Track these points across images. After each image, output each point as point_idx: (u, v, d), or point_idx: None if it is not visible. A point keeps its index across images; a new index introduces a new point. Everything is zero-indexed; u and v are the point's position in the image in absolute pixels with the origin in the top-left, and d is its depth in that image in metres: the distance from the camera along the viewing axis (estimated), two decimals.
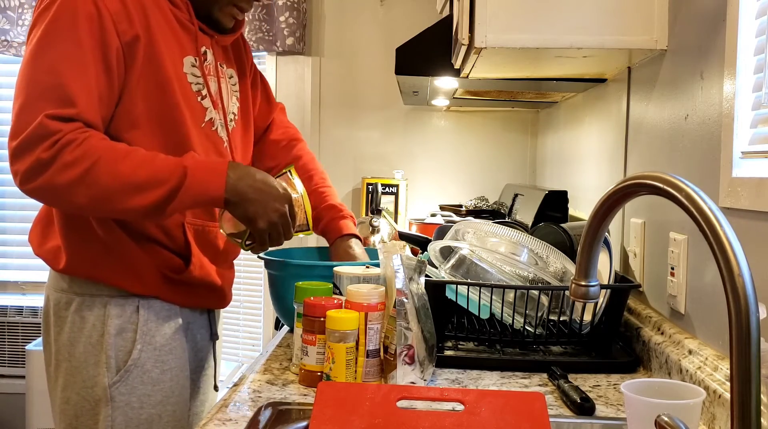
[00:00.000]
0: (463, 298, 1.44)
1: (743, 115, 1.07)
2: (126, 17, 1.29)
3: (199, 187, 1.27)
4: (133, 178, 1.25)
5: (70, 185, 1.23)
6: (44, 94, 1.24)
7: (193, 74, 1.39)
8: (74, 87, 1.24)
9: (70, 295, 1.38)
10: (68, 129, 1.23)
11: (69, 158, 1.22)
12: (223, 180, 1.28)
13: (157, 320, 1.38)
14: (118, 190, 1.25)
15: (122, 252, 1.35)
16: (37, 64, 1.26)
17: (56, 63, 1.25)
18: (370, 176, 3.23)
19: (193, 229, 1.41)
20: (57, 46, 1.25)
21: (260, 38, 3.27)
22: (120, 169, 1.25)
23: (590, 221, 0.82)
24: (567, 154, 2.44)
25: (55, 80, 1.24)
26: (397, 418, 0.92)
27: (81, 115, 1.25)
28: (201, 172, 1.28)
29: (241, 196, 1.30)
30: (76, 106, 1.24)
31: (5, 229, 3.62)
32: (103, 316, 1.35)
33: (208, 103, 1.42)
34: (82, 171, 1.23)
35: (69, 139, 1.22)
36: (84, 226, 1.35)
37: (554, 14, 1.43)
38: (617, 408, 1.15)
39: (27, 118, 1.23)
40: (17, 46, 3.40)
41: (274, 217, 1.33)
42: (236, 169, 1.31)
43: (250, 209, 1.31)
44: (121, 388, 1.34)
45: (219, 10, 1.44)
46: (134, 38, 1.29)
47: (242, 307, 3.42)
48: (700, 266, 1.21)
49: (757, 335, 0.66)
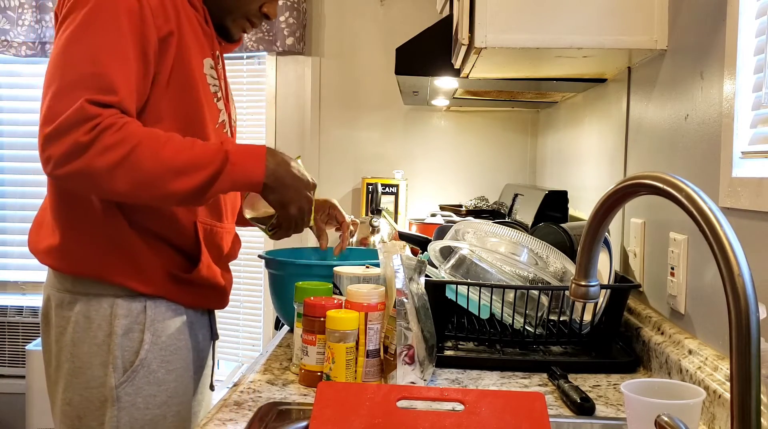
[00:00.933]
0: (463, 298, 1.44)
1: (743, 115, 1.07)
2: (163, 13, 1.30)
3: (240, 171, 1.28)
4: (176, 161, 1.24)
5: (110, 169, 1.21)
6: (83, 81, 1.23)
7: (211, 76, 1.42)
8: (115, 76, 1.24)
9: (73, 294, 1.37)
10: (108, 114, 1.22)
11: (109, 141, 1.20)
12: (263, 165, 1.29)
13: (163, 320, 1.38)
14: (161, 173, 1.24)
15: (129, 251, 1.35)
16: (75, 51, 1.24)
17: (97, 51, 1.24)
18: (370, 176, 3.23)
19: (203, 229, 1.42)
20: (98, 36, 1.25)
21: (260, 38, 3.27)
22: (162, 153, 1.24)
23: (590, 221, 0.82)
24: (567, 154, 2.44)
25: (95, 68, 1.23)
26: (397, 418, 0.92)
27: (121, 104, 1.24)
28: (242, 157, 1.28)
29: (279, 182, 1.31)
30: (117, 94, 1.24)
31: (5, 229, 3.62)
32: (109, 316, 1.34)
33: (222, 105, 1.45)
34: (124, 154, 1.21)
35: (109, 123, 1.21)
36: (87, 224, 1.34)
37: (554, 14, 1.43)
38: (617, 408, 1.15)
39: (65, 103, 1.21)
40: (17, 46, 3.40)
41: (304, 203, 1.36)
42: (274, 155, 1.33)
43: (287, 195, 1.33)
44: (128, 389, 1.33)
45: (232, 21, 1.47)
46: (169, 34, 1.31)
47: (242, 307, 3.42)
48: (700, 266, 1.21)
49: (757, 335, 0.66)
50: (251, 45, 3.26)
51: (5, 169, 3.61)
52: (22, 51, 3.40)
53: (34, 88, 3.58)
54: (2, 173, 3.61)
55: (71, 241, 1.36)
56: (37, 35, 3.38)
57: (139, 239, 1.35)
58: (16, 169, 3.59)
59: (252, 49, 3.27)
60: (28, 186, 3.58)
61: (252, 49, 3.28)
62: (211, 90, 1.41)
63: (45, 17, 3.35)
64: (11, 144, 3.60)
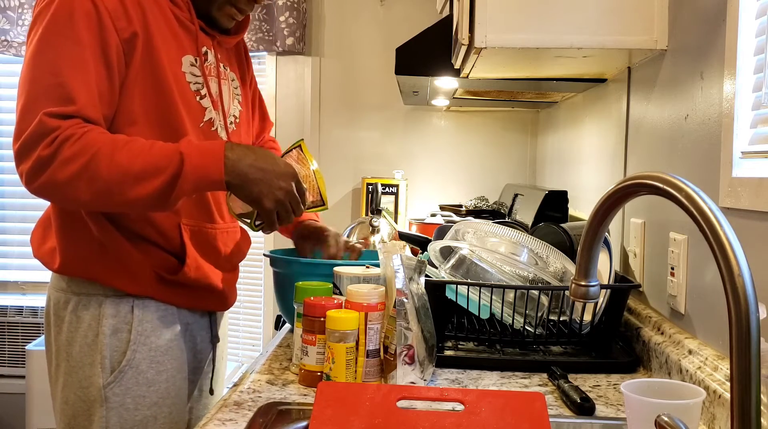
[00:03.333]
0: (463, 298, 1.44)
1: (743, 115, 1.07)
2: (124, 14, 1.28)
3: (198, 172, 1.25)
4: (131, 168, 1.23)
5: (71, 181, 1.22)
6: (44, 93, 1.24)
7: (192, 74, 1.39)
8: (74, 84, 1.24)
9: (68, 294, 1.38)
10: (67, 125, 1.22)
11: (68, 154, 1.22)
12: (221, 162, 1.25)
13: (152, 321, 1.38)
14: (118, 181, 1.23)
15: (117, 251, 1.35)
16: (37, 64, 1.25)
17: (56, 62, 1.24)
18: (370, 176, 3.23)
19: (189, 230, 1.40)
20: (56, 45, 1.25)
21: (260, 38, 3.27)
22: (117, 160, 1.23)
23: (590, 221, 0.82)
24: (567, 154, 2.44)
25: (54, 79, 1.23)
26: (397, 418, 0.92)
27: (80, 112, 1.24)
28: (198, 157, 1.25)
29: (242, 178, 1.27)
30: (75, 103, 1.24)
31: (5, 229, 3.62)
32: (98, 316, 1.35)
33: (208, 103, 1.42)
34: (82, 165, 1.22)
35: (68, 135, 1.22)
36: (79, 225, 1.35)
37: (554, 14, 1.43)
38: (617, 408, 1.15)
39: (28, 118, 1.23)
40: (17, 46, 3.40)
41: (280, 195, 1.30)
42: (234, 149, 1.28)
43: (255, 190, 1.28)
44: (116, 389, 1.33)
45: (217, 10, 1.43)
46: (132, 35, 1.29)
47: (242, 307, 3.42)
48: (700, 266, 1.21)
49: (757, 335, 0.66)
50: (251, 45, 3.26)
51: (5, 169, 3.61)
52: (22, 51, 3.40)
53: None
54: (2, 173, 3.61)
55: (64, 241, 1.37)
56: None
57: (127, 240, 1.35)
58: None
59: (252, 49, 3.27)
60: None
61: (252, 49, 3.27)
62: (191, 88, 1.38)
63: None
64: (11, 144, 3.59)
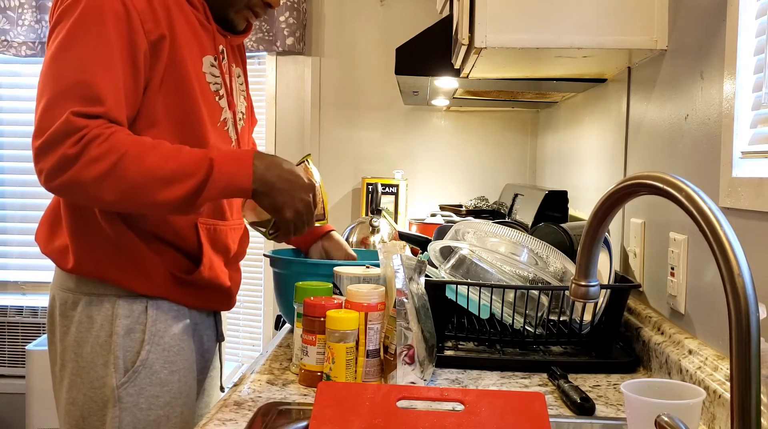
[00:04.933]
0: (463, 298, 1.44)
1: (743, 115, 1.07)
2: (152, 16, 1.29)
3: (226, 178, 1.27)
4: (161, 171, 1.24)
5: (97, 180, 1.22)
6: (71, 91, 1.23)
7: (212, 74, 1.40)
8: (102, 85, 1.23)
9: (77, 294, 1.37)
10: (94, 125, 1.22)
11: (95, 153, 1.21)
12: (250, 170, 1.28)
13: (165, 321, 1.38)
14: (146, 183, 1.24)
15: (131, 252, 1.35)
16: (63, 61, 1.24)
17: (83, 60, 1.24)
18: (370, 176, 3.23)
19: (206, 230, 1.41)
20: (84, 44, 1.24)
21: (260, 38, 3.27)
22: (147, 163, 1.24)
23: (590, 221, 0.82)
24: (567, 154, 2.44)
25: (82, 78, 1.23)
26: (397, 418, 0.92)
27: (108, 114, 1.24)
28: (227, 164, 1.27)
29: (268, 186, 1.30)
30: (104, 104, 1.23)
31: (5, 229, 3.62)
32: (111, 316, 1.34)
33: (225, 103, 1.44)
34: (110, 165, 1.22)
35: (95, 134, 1.21)
36: (92, 225, 1.34)
37: (554, 14, 1.43)
38: (617, 408, 1.15)
39: (52, 116, 1.22)
40: (17, 46, 3.40)
41: (300, 206, 1.34)
42: (263, 158, 1.31)
43: (278, 199, 1.31)
44: (129, 389, 1.33)
45: (235, 13, 1.45)
46: (160, 38, 1.29)
47: (242, 307, 3.42)
48: (700, 266, 1.21)
49: (757, 335, 0.66)
50: (251, 45, 3.26)
51: (5, 169, 3.61)
52: (22, 51, 3.40)
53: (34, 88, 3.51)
54: (2, 173, 3.61)
55: (77, 241, 1.36)
56: (37, 35, 3.38)
57: (141, 241, 1.35)
58: (16, 169, 3.59)
59: (252, 49, 3.27)
60: (28, 186, 3.58)
61: (252, 49, 3.27)
62: (211, 89, 1.40)
63: (45, 17, 3.36)
64: (11, 144, 3.60)
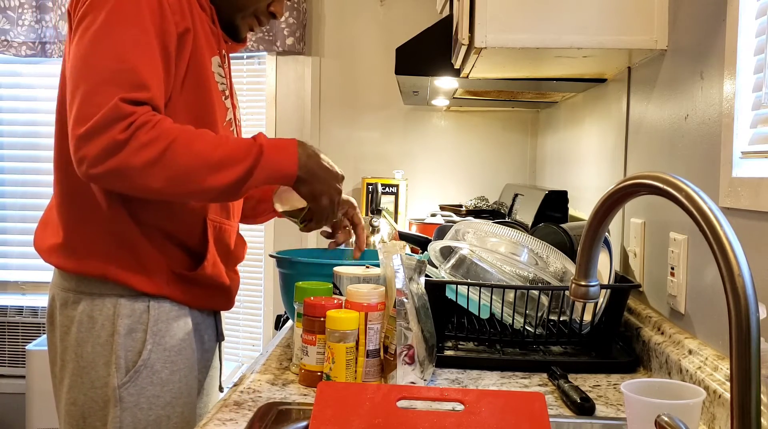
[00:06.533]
0: (463, 298, 1.44)
1: (743, 115, 1.07)
2: (180, 9, 1.31)
3: (274, 164, 1.29)
4: (211, 157, 1.25)
5: (146, 166, 1.21)
6: (114, 78, 1.22)
7: (219, 74, 1.42)
8: (145, 72, 1.24)
9: (77, 294, 1.36)
10: (142, 111, 1.22)
11: (145, 139, 1.21)
12: (295, 158, 1.31)
13: (167, 320, 1.38)
14: (197, 169, 1.25)
15: (132, 249, 1.35)
16: (101, 51, 1.24)
17: (124, 49, 1.24)
18: (370, 176, 3.23)
19: (213, 227, 1.42)
20: (123, 33, 1.25)
21: (260, 38, 3.27)
22: (197, 149, 1.25)
23: (590, 221, 0.82)
24: (567, 154, 2.44)
25: (125, 65, 1.23)
26: (397, 418, 0.92)
27: (153, 100, 1.24)
28: (275, 150, 1.30)
29: (311, 174, 1.33)
30: (149, 91, 1.24)
31: (5, 229, 3.62)
32: (112, 316, 1.34)
33: (229, 104, 1.46)
34: (160, 151, 1.22)
35: (144, 121, 1.21)
36: (92, 224, 1.34)
37: (554, 14, 1.43)
38: (617, 408, 1.15)
39: (97, 103, 1.20)
40: (17, 46, 3.40)
41: (335, 195, 1.38)
42: (305, 147, 1.34)
43: (318, 187, 1.35)
44: (131, 389, 1.33)
45: (242, 19, 1.47)
46: (186, 30, 1.32)
47: (242, 307, 3.42)
48: (700, 266, 1.21)
49: (757, 335, 0.66)
50: (251, 45, 3.26)
51: (5, 169, 3.61)
52: (22, 51, 3.40)
53: (34, 88, 3.58)
54: (2, 173, 3.61)
55: (76, 240, 1.36)
56: (37, 35, 3.38)
57: (144, 238, 1.35)
58: (16, 169, 3.60)
59: (252, 49, 3.27)
60: (28, 186, 3.59)
61: (252, 49, 3.28)
62: (219, 88, 1.42)
63: (45, 17, 3.36)
64: (11, 144, 3.60)
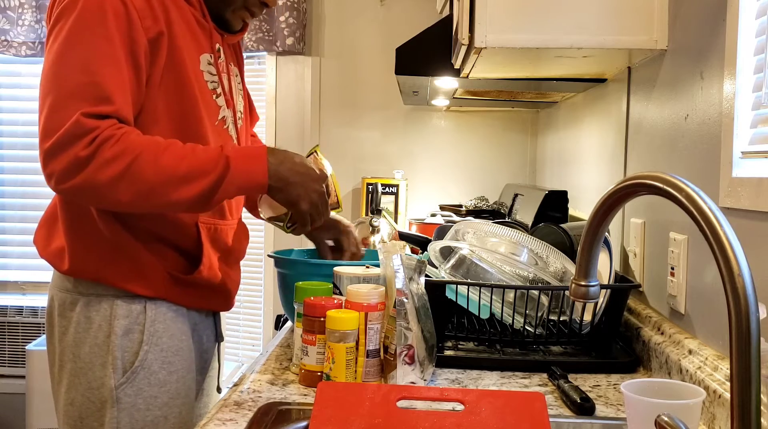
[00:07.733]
0: (463, 298, 1.44)
1: (743, 115, 1.07)
2: (150, 13, 1.28)
3: (243, 175, 1.28)
4: (177, 170, 1.24)
5: (112, 182, 1.21)
6: (78, 92, 1.21)
7: (209, 72, 1.40)
8: (109, 84, 1.22)
9: (75, 295, 1.37)
10: (105, 125, 1.21)
11: (109, 154, 1.20)
12: (265, 166, 1.29)
13: (164, 321, 1.37)
14: (163, 183, 1.24)
15: (129, 254, 1.34)
16: (66, 61, 1.23)
17: (88, 60, 1.22)
18: (370, 176, 3.23)
19: (206, 229, 1.41)
20: (87, 43, 1.23)
21: (260, 38, 3.27)
22: (163, 163, 1.23)
23: (590, 221, 0.82)
24: (567, 154, 2.44)
25: (88, 78, 1.22)
26: (397, 418, 0.92)
27: (118, 113, 1.23)
28: (243, 160, 1.28)
29: (283, 181, 1.32)
30: (113, 104, 1.23)
31: (5, 229, 3.62)
32: (109, 317, 1.34)
33: (222, 101, 1.43)
34: (125, 166, 1.21)
35: (107, 136, 1.20)
36: (89, 227, 1.34)
37: (554, 14, 1.43)
38: (617, 408, 1.15)
39: (61, 117, 1.20)
40: (17, 46, 3.40)
41: (315, 197, 1.36)
42: (275, 154, 1.33)
43: (293, 193, 1.33)
44: (128, 390, 1.33)
45: (231, 13, 1.45)
46: (158, 35, 1.29)
47: (242, 307, 3.42)
48: (700, 266, 1.21)
49: (757, 335, 0.66)
50: (251, 45, 3.26)
51: (5, 169, 3.61)
52: (22, 51, 3.40)
53: (34, 88, 3.52)
54: (2, 173, 3.61)
55: (74, 243, 1.36)
56: (37, 35, 3.38)
57: (139, 242, 1.35)
58: (16, 169, 3.59)
59: (252, 49, 3.27)
60: (28, 186, 3.58)
61: (252, 49, 3.27)
62: (209, 87, 1.40)
63: (45, 17, 3.36)
64: (11, 144, 3.60)
